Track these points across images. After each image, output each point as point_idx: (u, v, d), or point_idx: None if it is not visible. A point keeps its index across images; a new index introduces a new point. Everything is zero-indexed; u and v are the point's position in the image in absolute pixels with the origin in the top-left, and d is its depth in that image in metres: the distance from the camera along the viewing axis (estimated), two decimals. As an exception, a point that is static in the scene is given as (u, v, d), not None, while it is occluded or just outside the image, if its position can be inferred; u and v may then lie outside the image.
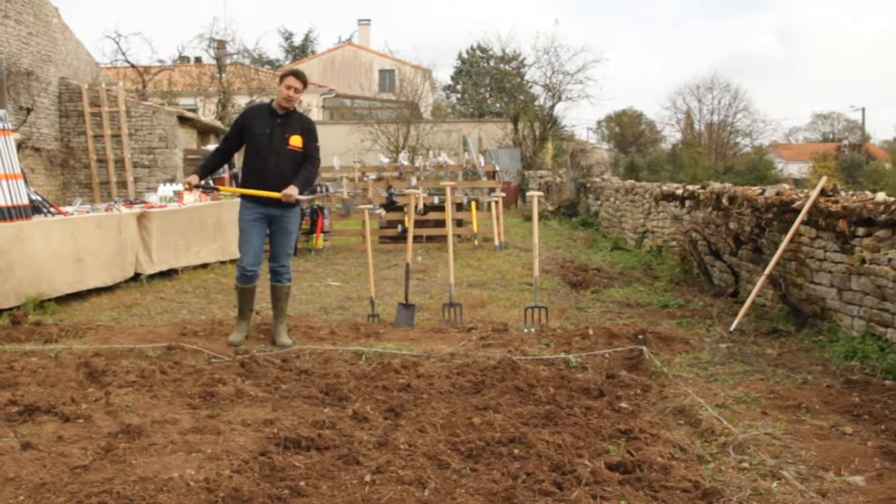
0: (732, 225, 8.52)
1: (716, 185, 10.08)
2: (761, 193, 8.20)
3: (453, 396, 5.02)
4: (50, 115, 16.77)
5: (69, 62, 17.56)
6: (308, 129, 6.57)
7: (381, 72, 42.65)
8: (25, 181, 8.71)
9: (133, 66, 28.47)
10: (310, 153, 6.54)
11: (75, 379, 5.33)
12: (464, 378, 5.36)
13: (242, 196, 6.59)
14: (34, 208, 8.63)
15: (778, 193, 7.88)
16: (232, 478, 3.66)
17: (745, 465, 3.90)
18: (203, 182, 6.78)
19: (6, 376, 5.34)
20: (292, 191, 6.27)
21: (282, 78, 6.51)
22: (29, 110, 15.58)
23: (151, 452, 3.99)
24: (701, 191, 10.20)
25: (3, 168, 8.23)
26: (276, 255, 6.60)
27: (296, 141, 6.44)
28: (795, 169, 48.30)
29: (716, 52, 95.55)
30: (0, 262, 7.83)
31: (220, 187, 6.64)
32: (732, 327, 6.92)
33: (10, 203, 8.17)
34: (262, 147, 6.45)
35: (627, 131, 54.83)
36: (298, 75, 6.49)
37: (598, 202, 17.81)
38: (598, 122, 55.91)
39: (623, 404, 4.86)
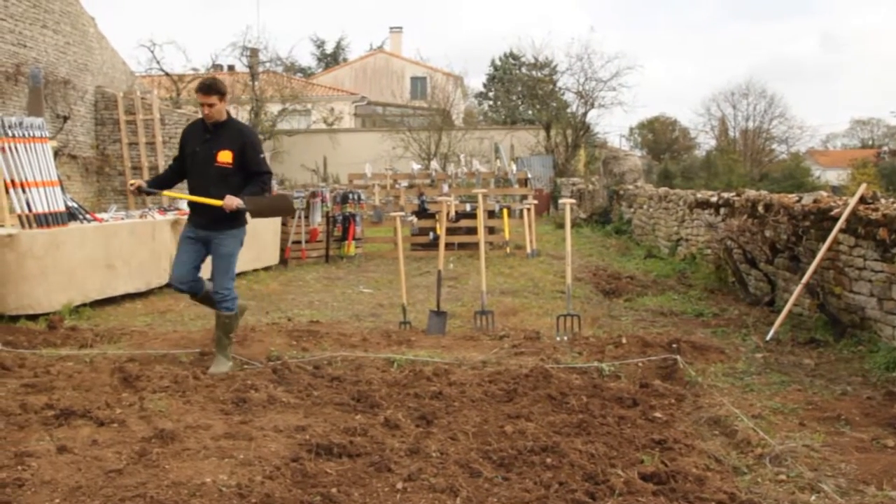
0: (768, 233, 8.40)
1: (751, 193, 9.95)
2: (798, 201, 8.07)
3: (485, 404, 5.00)
4: (86, 123, 17.04)
5: (105, 71, 17.83)
6: (243, 143, 5.91)
7: (413, 79, 42.79)
8: (62, 188, 8.85)
9: (167, 74, 28.88)
10: (252, 167, 5.94)
11: (110, 384, 5.38)
12: (496, 386, 5.32)
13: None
14: (70, 215, 8.75)
15: (815, 201, 7.75)
16: (264, 484, 3.66)
17: (783, 477, 3.83)
18: (148, 188, 6.34)
19: (43, 380, 5.42)
20: (233, 200, 5.74)
21: (196, 94, 6.01)
22: (66, 118, 15.85)
23: (184, 457, 4.01)
24: (736, 198, 10.08)
25: (40, 175, 8.37)
26: (213, 278, 6.08)
27: (224, 156, 5.83)
28: (833, 176, 47.60)
29: (752, 57, 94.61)
30: (35, 267, 7.95)
31: (165, 192, 6.33)
32: (769, 337, 6.81)
33: (46, 210, 8.29)
34: (192, 166, 6.01)
35: (661, 138, 54.44)
36: (205, 89, 5.85)
37: (632, 210, 17.68)
38: (631, 129, 55.60)
39: (657, 414, 4.80)
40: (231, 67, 34.25)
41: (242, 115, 28.74)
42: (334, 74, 44.34)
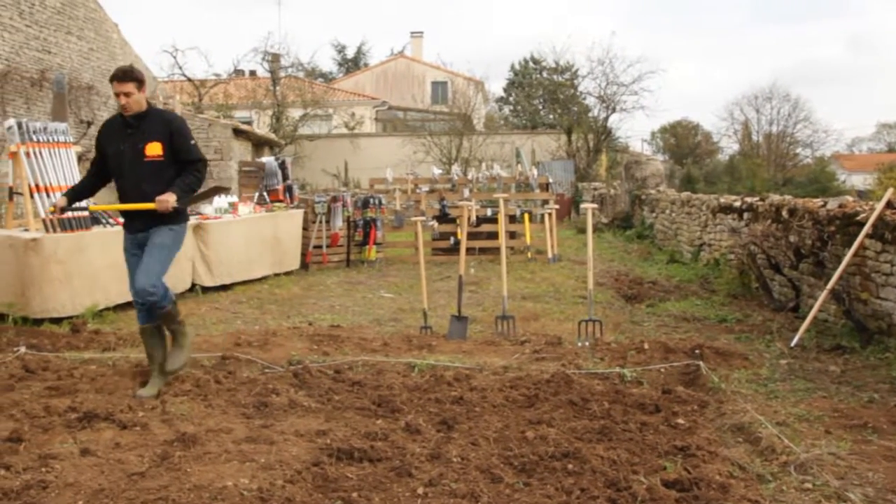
0: (793, 238, 8.31)
1: (775, 198, 9.86)
2: (823, 206, 7.99)
3: (506, 410, 4.98)
4: (110, 129, 17.19)
5: (129, 77, 17.98)
6: (171, 131, 5.43)
7: (434, 84, 42.88)
8: (86, 193, 8.93)
9: (190, 79, 29.14)
10: (183, 156, 5.46)
11: (132, 387, 5.42)
12: (517, 391, 5.30)
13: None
14: (93, 219, 8.84)
15: (841, 206, 7.67)
16: (285, 488, 3.67)
17: (808, 485, 3.78)
18: (70, 204, 5.80)
19: (66, 383, 5.46)
20: (168, 197, 5.28)
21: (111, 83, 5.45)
22: (89, 124, 16.01)
23: (206, 461, 4.02)
24: (760, 203, 9.99)
25: (64, 180, 8.46)
26: (139, 272, 5.40)
27: (153, 149, 5.37)
28: (859, 180, 47.02)
29: (776, 61, 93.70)
30: (59, 271, 8.02)
31: (92, 206, 6.05)
32: (793, 343, 6.73)
33: (70, 214, 8.37)
34: (118, 166, 5.49)
35: (683, 142, 54.10)
36: (120, 76, 5.36)
37: (654, 214, 17.58)
38: (653, 134, 55.28)
39: (680, 420, 4.76)
40: (253, 73, 34.54)
41: (264, 119, 28.93)
42: (355, 79, 44.52)
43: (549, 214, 14.05)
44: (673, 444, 4.30)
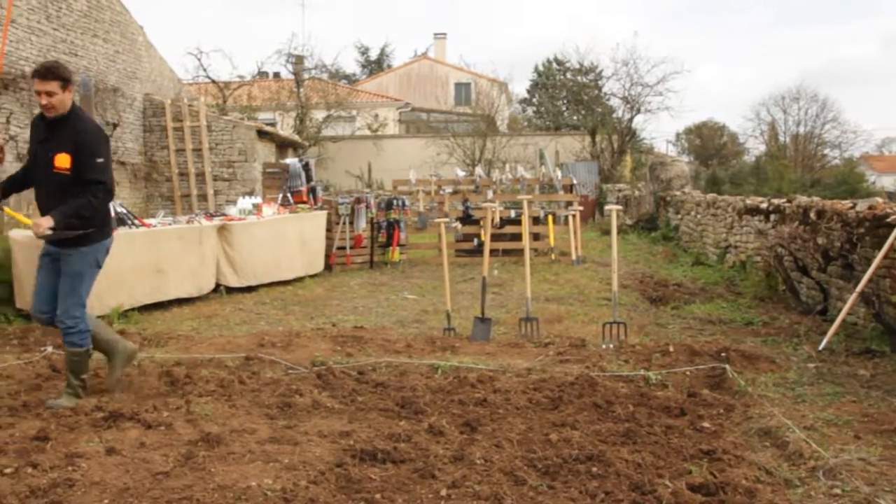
0: (821, 240, 8.21)
1: (803, 199, 9.75)
2: (852, 207, 7.88)
3: (530, 412, 4.95)
4: (134, 130, 17.37)
5: (153, 79, 18.17)
6: (76, 143, 4.83)
7: (457, 85, 42.87)
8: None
9: (214, 81, 29.36)
10: (82, 174, 4.84)
11: (157, 387, 5.46)
12: (541, 394, 5.28)
13: None
14: (119, 220, 8.92)
15: (871, 207, 7.55)
16: (308, 488, 3.67)
17: (837, 491, 3.72)
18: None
19: (92, 383, 5.50)
20: (43, 221, 4.75)
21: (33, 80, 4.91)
22: (115, 125, 16.18)
23: (230, 461, 4.04)
24: (787, 204, 9.88)
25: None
26: (58, 303, 5.04)
27: (61, 161, 4.81)
28: (890, 181, 46.48)
29: (805, 61, 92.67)
30: (87, 272, 8.09)
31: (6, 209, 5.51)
32: (821, 346, 6.64)
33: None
34: (34, 169, 5.06)
35: (708, 143, 53.71)
36: (42, 73, 4.82)
37: (679, 216, 17.46)
38: (678, 135, 54.96)
39: (705, 424, 4.71)
40: (277, 74, 34.72)
41: (288, 121, 29.07)
42: (379, 81, 44.62)
43: (573, 216, 13.99)
44: (698, 447, 4.26)
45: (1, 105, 11.87)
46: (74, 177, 4.85)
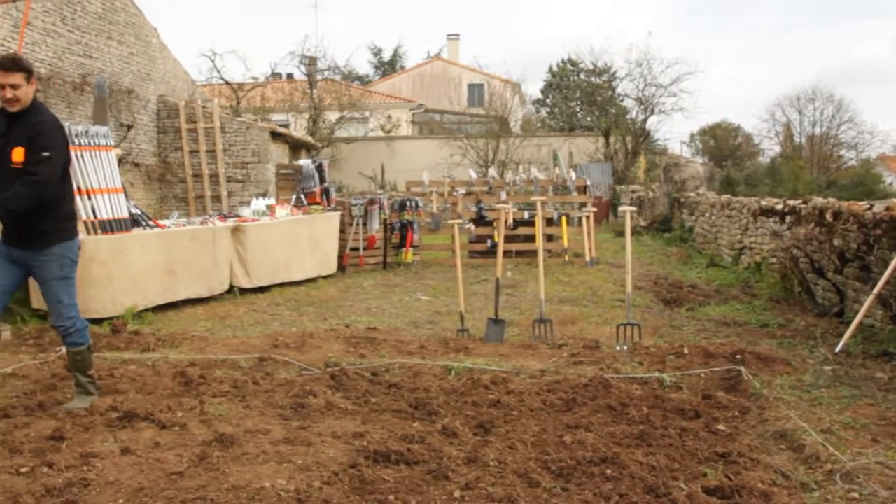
0: (837, 241, 8.15)
1: (818, 200, 9.68)
2: (869, 208, 7.81)
3: (544, 414, 4.94)
4: (149, 132, 17.46)
5: (167, 80, 18.26)
6: (30, 136, 4.73)
7: (471, 86, 42.84)
8: (126, 195, 9.07)
9: (227, 83, 29.45)
10: (26, 167, 4.70)
11: (171, 387, 5.47)
12: (554, 395, 5.26)
13: None
14: (133, 221, 8.96)
15: (888, 208, 7.49)
16: (322, 489, 3.67)
17: (855, 495, 3.68)
18: None
19: (107, 383, 5.53)
20: None
21: None
22: (129, 127, 16.26)
23: (244, 461, 4.04)
24: (802, 206, 9.81)
25: (105, 182, 8.59)
26: (49, 310, 5.08)
27: (17, 155, 4.71)
28: (908, 182, 46.01)
29: (821, 61, 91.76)
30: (101, 272, 8.15)
31: None
32: (838, 349, 6.59)
33: (111, 216, 8.51)
34: None
35: (723, 144, 53.43)
36: (7, 66, 4.72)
37: (693, 217, 17.38)
38: (692, 136, 54.72)
39: (720, 426, 4.68)
40: (290, 76, 34.83)
41: (301, 122, 29.13)
42: (392, 82, 44.66)
43: (587, 217, 13.94)
44: (714, 450, 4.23)
45: (17, 107, 11.92)
46: (25, 170, 4.73)
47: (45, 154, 4.73)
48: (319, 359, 6.33)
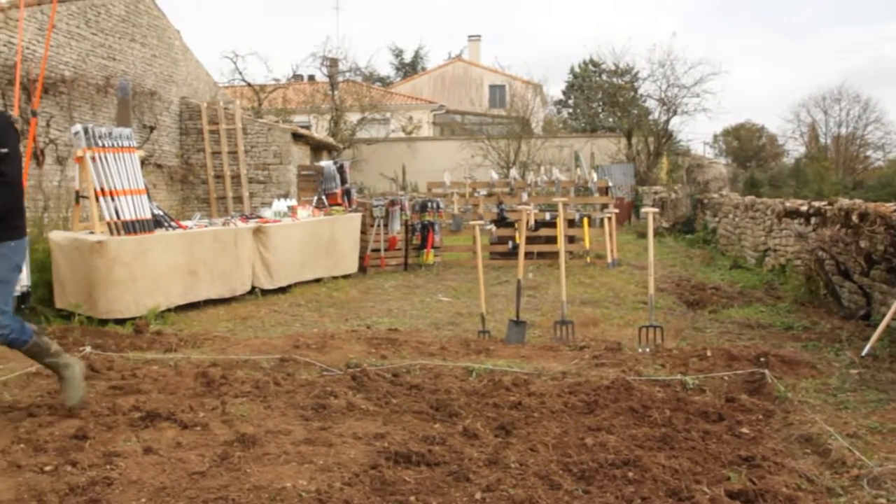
0: (864, 243, 8.05)
1: (844, 202, 9.57)
2: (896, 210, 7.72)
3: (565, 416, 4.91)
4: (171, 133, 17.60)
5: (189, 82, 18.39)
6: None
7: (492, 87, 42.75)
8: (149, 196, 9.14)
9: (249, 84, 29.64)
10: None
11: (193, 387, 5.50)
12: (576, 397, 5.23)
13: None
14: (156, 222, 9.02)
15: (915, 210, 7.40)
16: (343, 490, 3.67)
17: (882, 501, 3.62)
18: None
19: (130, 383, 5.57)
20: None
21: None
22: (152, 128, 16.41)
23: (265, 462, 4.05)
24: (828, 207, 9.70)
25: (128, 184, 8.66)
26: None
27: None
28: (935, 184, 45.36)
29: (847, 61, 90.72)
30: (124, 273, 8.21)
31: None
32: (864, 352, 6.50)
33: (134, 217, 8.57)
34: None
35: (746, 145, 53.02)
36: None
37: (716, 219, 17.25)
38: (715, 136, 54.33)
39: (744, 430, 4.63)
40: (311, 77, 34.95)
41: (322, 123, 29.24)
42: (413, 83, 44.70)
43: (609, 219, 13.88)
44: (737, 453, 4.19)
45: (42, 109, 12.07)
46: None
47: (4, 150, 4.53)
48: (340, 360, 6.33)
